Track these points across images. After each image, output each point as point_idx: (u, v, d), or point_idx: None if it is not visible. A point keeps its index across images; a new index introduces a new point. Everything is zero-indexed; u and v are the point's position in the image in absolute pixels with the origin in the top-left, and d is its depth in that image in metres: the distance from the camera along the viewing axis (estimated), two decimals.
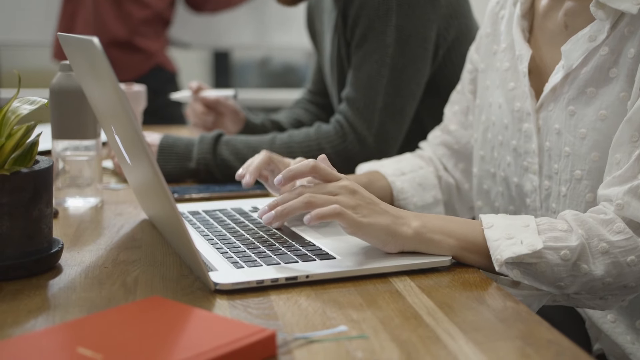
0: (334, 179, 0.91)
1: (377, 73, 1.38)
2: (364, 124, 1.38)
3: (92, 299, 0.79)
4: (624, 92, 0.95)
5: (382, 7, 1.37)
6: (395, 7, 1.36)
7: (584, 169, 1.00)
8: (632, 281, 0.89)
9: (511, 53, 1.12)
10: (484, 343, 0.69)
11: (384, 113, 1.38)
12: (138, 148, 0.81)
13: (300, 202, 0.88)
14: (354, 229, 0.87)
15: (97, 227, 1.07)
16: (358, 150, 1.38)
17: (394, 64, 1.38)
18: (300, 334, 0.69)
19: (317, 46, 1.68)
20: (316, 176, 0.91)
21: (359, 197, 0.89)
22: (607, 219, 0.89)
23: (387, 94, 1.38)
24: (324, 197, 0.88)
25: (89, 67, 0.88)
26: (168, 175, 1.34)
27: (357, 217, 0.87)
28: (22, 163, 0.85)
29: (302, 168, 0.91)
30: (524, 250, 0.85)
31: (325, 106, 1.74)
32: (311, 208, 0.87)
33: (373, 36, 1.38)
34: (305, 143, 1.39)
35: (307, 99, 1.77)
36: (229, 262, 0.87)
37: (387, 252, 0.89)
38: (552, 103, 1.03)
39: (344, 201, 0.88)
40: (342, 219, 0.86)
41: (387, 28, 1.37)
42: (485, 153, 1.18)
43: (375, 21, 1.38)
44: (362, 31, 1.40)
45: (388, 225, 0.88)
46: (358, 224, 0.87)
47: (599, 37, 0.97)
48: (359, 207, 0.88)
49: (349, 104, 1.40)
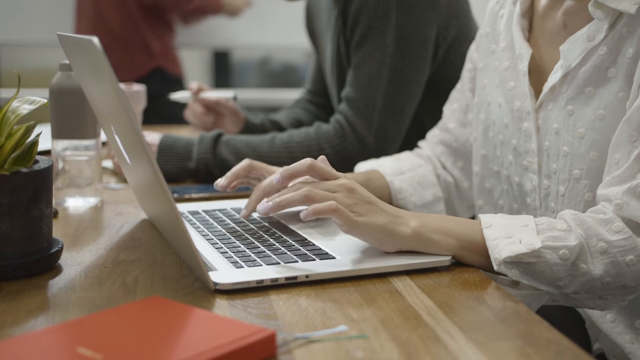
0: (331, 177, 0.91)
1: (377, 73, 1.38)
2: (363, 123, 1.38)
3: (92, 299, 0.79)
4: (623, 91, 0.95)
5: (381, 6, 1.37)
6: (395, 7, 1.36)
7: (583, 169, 1.00)
8: (631, 281, 0.89)
9: (511, 52, 1.12)
10: (484, 343, 0.69)
11: (383, 113, 1.38)
12: (138, 148, 0.81)
13: (299, 195, 0.88)
14: (349, 227, 0.87)
15: (97, 227, 1.07)
16: (358, 150, 1.38)
17: (394, 63, 1.38)
18: (300, 334, 0.69)
19: (316, 46, 1.68)
20: (314, 174, 0.92)
21: (356, 195, 0.89)
22: (606, 219, 0.89)
23: (387, 94, 1.38)
24: (322, 193, 0.88)
25: (88, 66, 0.88)
26: (168, 175, 1.34)
27: (352, 216, 0.87)
28: (21, 163, 0.85)
29: (299, 166, 0.91)
30: (523, 249, 0.85)
31: (324, 106, 1.74)
32: (309, 202, 0.87)
33: (373, 36, 1.38)
34: (305, 143, 1.39)
35: (306, 99, 1.77)
36: (229, 262, 0.87)
37: (386, 252, 0.90)
38: (551, 102, 1.04)
39: (341, 199, 0.88)
40: (337, 216, 0.86)
41: (387, 28, 1.37)
42: (487, 152, 1.18)
43: (375, 21, 1.38)
44: (362, 31, 1.40)
45: (385, 224, 0.88)
46: (353, 222, 0.87)
47: (597, 37, 0.97)
48: (355, 205, 0.88)
49: (348, 103, 1.40)
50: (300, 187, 0.89)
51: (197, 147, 1.35)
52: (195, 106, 1.64)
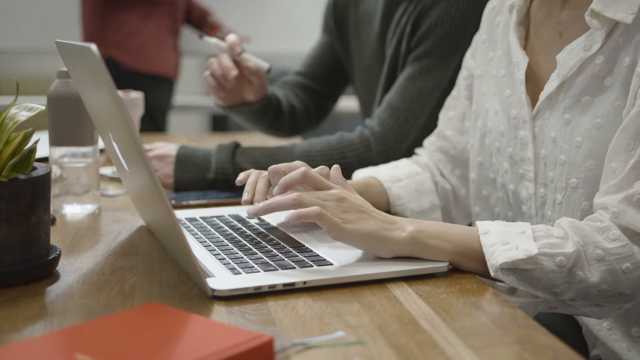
0: (324, 188, 0.92)
1: (430, 92, 1.37)
2: (398, 136, 1.37)
3: (89, 306, 0.79)
4: (619, 100, 0.96)
5: (457, 31, 1.36)
6: (468, 38, 1.33)
7: (580, 177, 1.00)
8: (628, 288, 0.89)
9: (507, 60, 1.13)
10: (482, 349, 0.69)
11: (421, 131, 1.37)
12: (136, 155, 0.81)
13: (288, 198, 0.89)
14: (335, 233, 0.88)
15: (94, 234, 1.07)
16: (383, 161, 1.35)
17: (448, 89, 1.35)
18: (298, 340, 0.69)
19: (342, 33, 1.61)
20: (307, 183, 0.93)
21: (346, 204, 0.90)
22: (603, 227, 0.89)
23: (432, 114, 1.37)
24: (311, 199, 0.89)
25: (86, 74, 0.88)
26: (186, 186, 1.33)
27: (339, 222, 0.88)
28: (19, 170, 0.85)
29: (293, 175, 0.93)
30: (519, 255, 0.85)
31: (314, 94, 1.69)
32: (297, 207, 0.88)
33: (438, 56, 1.37)
34: (327, 151, 1.37)
35: (299, 83, 1.70)
36: (227, 269, 0.87)
37: (382, 258, 0.90)
38: (547, 111, 1.04)
39: (330, 207, 0.89)
40: (322, 222, 0.87)
41: (455, 54, 1.37)
42: (483, 159, 1.18)
43: (446, 42, 1.37)
44: (429, 47, 1.38)
45: (374, 231, 0.88)
46: (340, 229, 0.88)
47: (594, 47, 0.98)
48: (345, 213, 0.89)
49: (390, 111, 1.38)
50: (301, 200, 0.89)
51: (216, 158, 1.33)
52: (225, 60, 1.44)
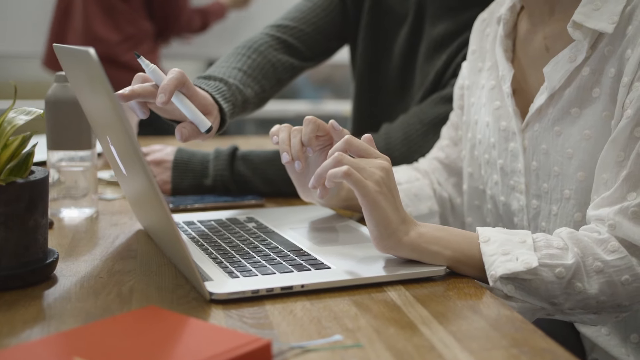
0: (369, 156, 0.90)
1: None
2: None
3: (87, 309, 0.79)
4: (607, 111, 0.96)
5: None
6: None
7: (572, 189, 1.00)
8: (626, 300, 0.89)
9: (496, 71, 1.13)
10: (479, 352, 0.69)
11: None
12: (134, 158, 0.81)
13: (331, 159, 0.87)
14: (365, 197, 0.86)
15: (92, 238, 1.07)
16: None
17: None
18: (296, 343, 0.69)
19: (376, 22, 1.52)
20: (351, 151, 0.91)
21: (388, 179, 0.88)
22: (601, 239, 0.89)
23: None
24: (355, 162, 0.87)
25: (84, 77, 0.88)
26: (184, 192, 1.32)
27: (372, 188, 0.86)
28: (17, 173, 0.85)
29: (337, 145, 0.91)
30: (519, 267, 0.85)
31: (296, 53, 1.54)
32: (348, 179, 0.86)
33: None
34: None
35: (280, 42, 1.53)
36: (225, 272, 0.87)
37: (377, 259, 0.90)
38: (537, 123, 1.04)
39: (373, 174, 0.87)
40: (352, 181, 0.85)
41: None
42: (473, 170, 1.19)
43: None
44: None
45: (392, 222, 0.88)
46: (369, 194, 0.86)
47: (579, 58, 0.98)
48: (381, 186, 0.87)
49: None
50: (338, 159, 0.87)
51: (213, 164, 1.32)
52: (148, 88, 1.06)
